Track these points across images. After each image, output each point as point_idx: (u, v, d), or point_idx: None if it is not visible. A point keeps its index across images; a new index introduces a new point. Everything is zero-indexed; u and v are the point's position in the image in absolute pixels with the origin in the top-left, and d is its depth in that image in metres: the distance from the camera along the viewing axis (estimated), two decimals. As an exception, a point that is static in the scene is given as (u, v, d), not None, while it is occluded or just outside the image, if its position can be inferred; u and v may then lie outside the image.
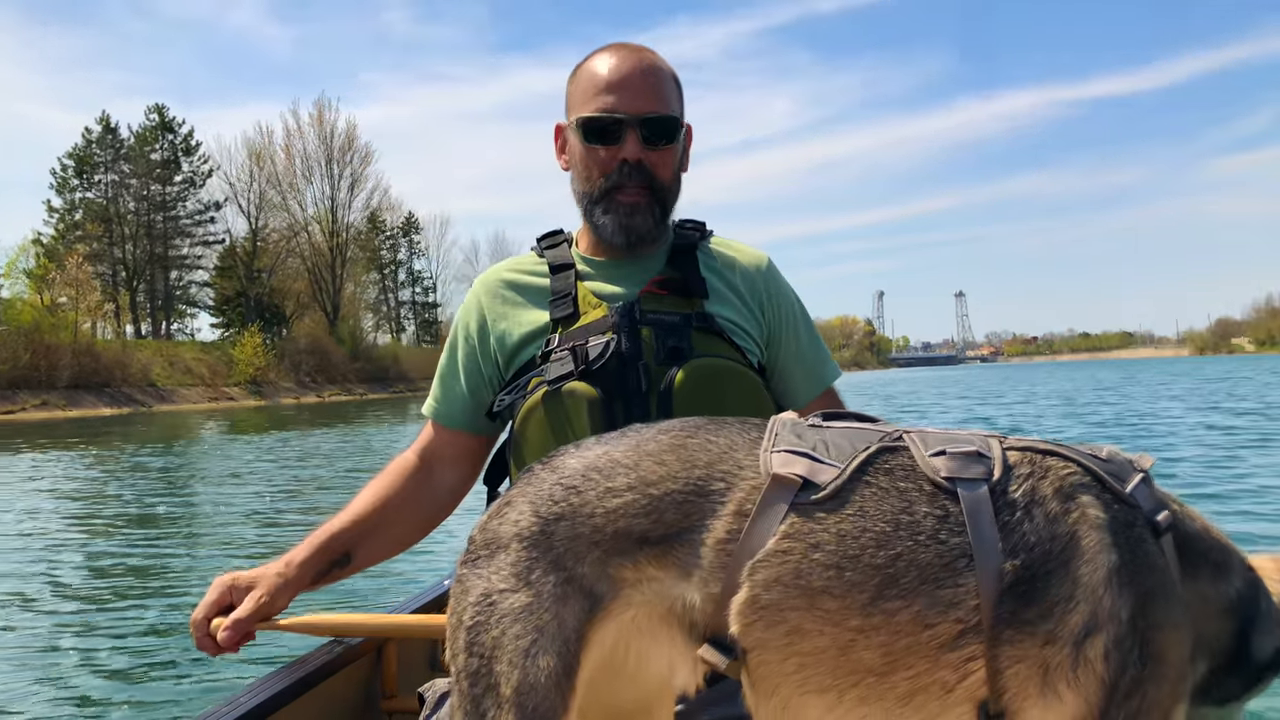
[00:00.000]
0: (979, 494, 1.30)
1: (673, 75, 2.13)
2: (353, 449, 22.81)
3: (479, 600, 1.40)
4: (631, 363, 1.99)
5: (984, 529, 1.27)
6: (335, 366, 71.48)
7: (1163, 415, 24.12)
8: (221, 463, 20.09)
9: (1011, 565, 1.26)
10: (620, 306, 2.04)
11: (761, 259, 2.24)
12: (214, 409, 54.73)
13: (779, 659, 1.31)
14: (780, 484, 1.33)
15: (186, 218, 77.79)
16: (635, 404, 1.97)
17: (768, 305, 2.18)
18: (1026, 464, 1.34)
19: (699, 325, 2.04)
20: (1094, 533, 1.28)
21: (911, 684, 1.27)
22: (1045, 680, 1.25)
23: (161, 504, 13.91)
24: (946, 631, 1.26)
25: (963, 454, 1.34)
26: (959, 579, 1.26)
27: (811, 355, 2.24)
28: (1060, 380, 61.33)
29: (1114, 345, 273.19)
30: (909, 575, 1.27)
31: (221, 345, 67.99)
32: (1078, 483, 1.32)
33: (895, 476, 1.33)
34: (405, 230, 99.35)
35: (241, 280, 75.38)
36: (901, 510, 1.30)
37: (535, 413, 2.01)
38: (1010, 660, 1.25)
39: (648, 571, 1.37)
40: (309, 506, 12.76)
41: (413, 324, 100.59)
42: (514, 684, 1.34)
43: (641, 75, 2.08)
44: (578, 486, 1.41)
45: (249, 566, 2.09)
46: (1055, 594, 1.25)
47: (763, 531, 1.31)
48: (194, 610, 2.01)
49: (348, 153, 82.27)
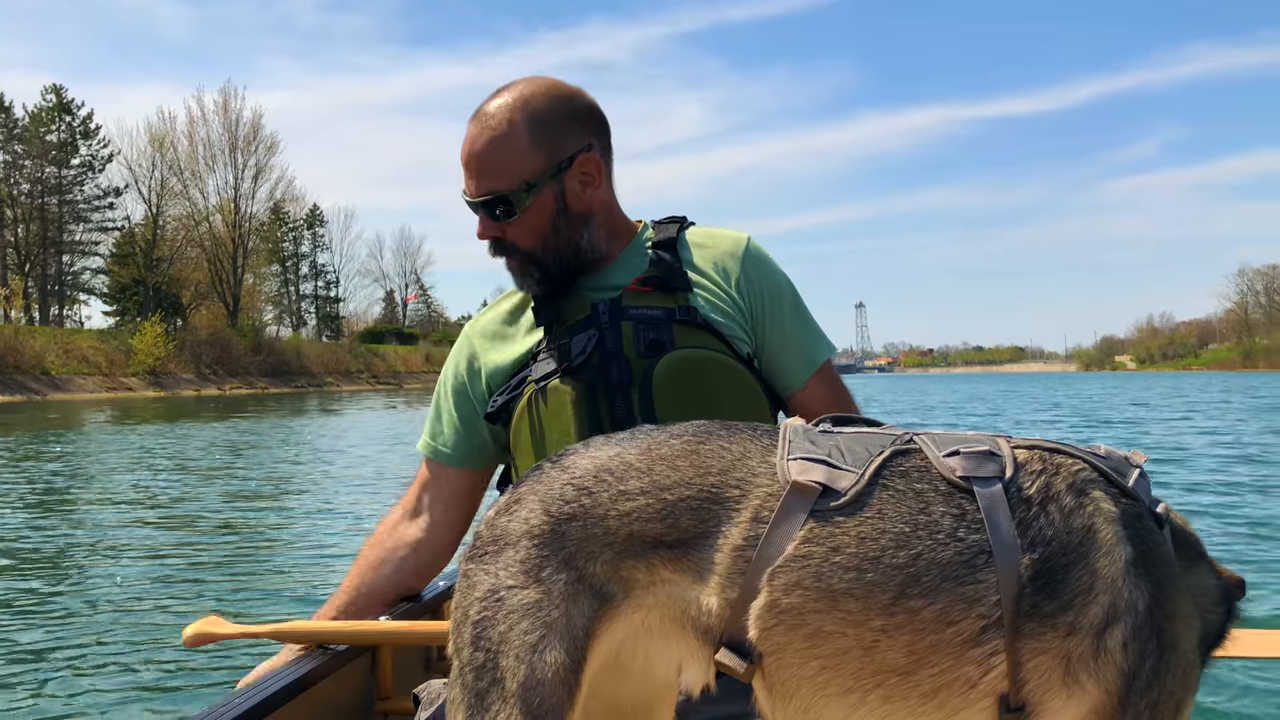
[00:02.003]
0: (994, 491, 1.31)
1: (527, 126, 2.05)
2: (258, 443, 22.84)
3: (486, 595, 1.40)
4: (613, 356, 2.02)
5: (1001, 525, 1.29)
6: (236, 359, 70.47)
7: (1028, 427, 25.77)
8: (116, 456, 19.72)
9: (1030, 559, 1.28)
10: (603, 304, 2.08)
11: (739, 242, 2.22)
12: (111, 399, 53.65)
13: (799, 662, 1.32)
14: (799, 491, 1.34)
15: (84, 203, 75.98)
16: (617, 396, 2.01)
17: (747, 289, 2.17)
18: (1037, 461, 1.36)
19: (682, 319, 2.05)
20: (1109, 526, 1.30)
21: (935, 681, 1.29)
22: (1068, 671, 1.27)
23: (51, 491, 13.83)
24: (970, 627, 1.27)
25: (976, 453, 1.36)
26: (979, 575, 1.28)
27: (800, 334, 2.22)
28: (945, 391, 65.15)
29: (1006, 359, 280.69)
30: (930, 574, 1.28)
31: (119, 334, 66.32)
32: (1088, 478, 1.34)
33: (911, 478, 1.35)
34: (309, 223, 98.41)
35: (140, 268, 73.87)
36: (920, 511, 1.32)
37: (525, 413, 2.07)
38: (1032, 653, 1.27)
39: (661, 574, 1.38)
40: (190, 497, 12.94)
41: (314, 318, 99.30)
42: (520, 679, 1.35)
43: (477, 155, 2.07)
44: (590, 488, 1.42)
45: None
46: (1075, 586, 1.27)
47: (782, 538, 1.32)
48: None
49: (253, 142, 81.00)
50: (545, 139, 2.07)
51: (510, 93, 2.09)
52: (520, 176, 2.06)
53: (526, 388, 2.08)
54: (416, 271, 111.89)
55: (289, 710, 2.00)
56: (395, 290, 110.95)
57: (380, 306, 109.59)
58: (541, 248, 2.11)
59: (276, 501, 12.83)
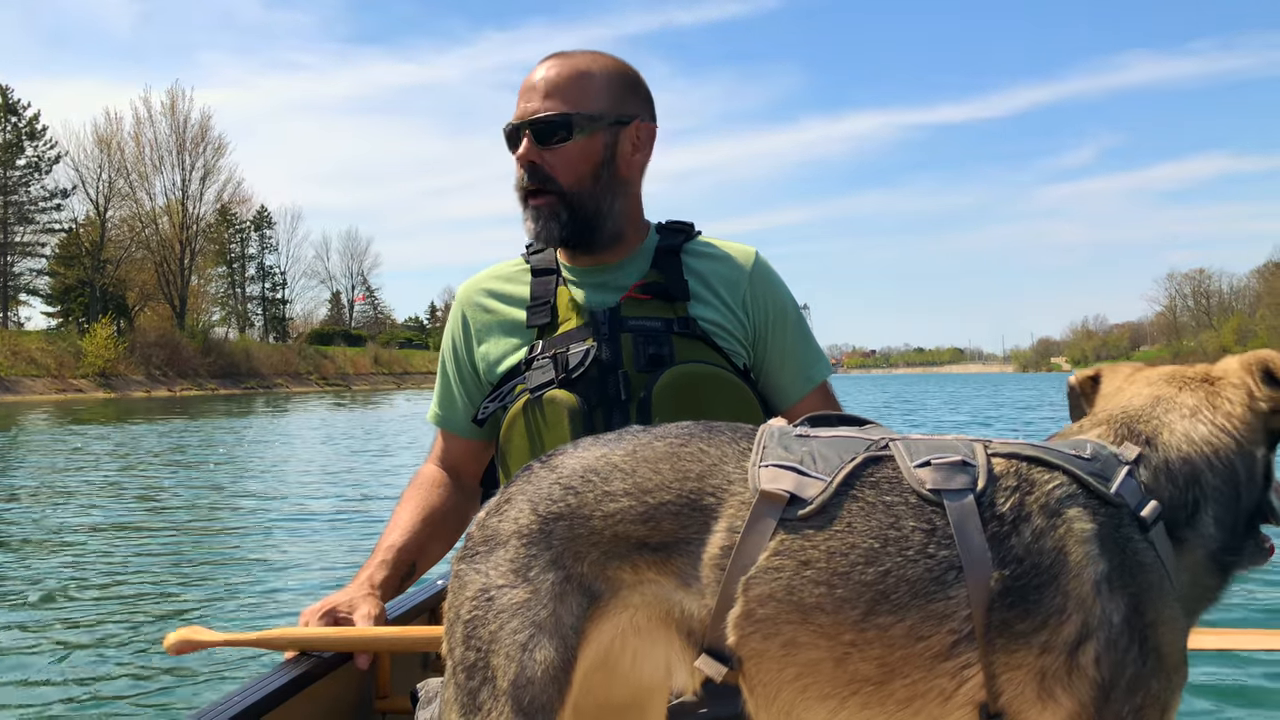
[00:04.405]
0: (965, 504, 1.30)
1: (602, 74, 2.10)
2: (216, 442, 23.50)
3: (477, 595, 1.41)
4: (611, 370, 2.00)
5: (972, 540, 1.28)
6: (186, 361, 70.26)
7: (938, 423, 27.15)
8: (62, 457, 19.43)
9: (1000, 575, 1.27)
10: (601, 313, 2.04)
11: (748, 257, 2.20)
12: (61, 400, 53.49)
13: (778, 669, 1.33)
14: (768, 500, 1.34)
15: (31, 204, 75.81)
16: (615, 412, 1.99)
17: (752, 305, 2.15)
18: (1012, 475, 1.34)
19: (680, 330, 2.04)
20: (1080, 547, 1.29)
21: (909, 691, 1.30)
22: (1041, 685, 1.27)
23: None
24: (940, 642, 1.28)
25: (948, 464, 1.34)
26: (949, 591, 1.27)
27: (800, 353, 2.20)
28: (878, 392, 68.11)
29: (946, 360, 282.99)
30: (899, 591, 1.28)
31: (68, 336, 65.89)
32: (1063, 495, 1.32)
33: (881, 489, 1.34)
34: (257, 224, 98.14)
35: (86, 270, 73.85)
36: (889, 525, 1.31)
37: (518, 420, 2.04)
38: (1005, 668, 1.27)
39: (646, 575, 1.39)
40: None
41: (261, 319, 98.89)
42: (510, 677, 1.35)
43: (543, 80, 2.09)
44: (576, 488, 1.42)
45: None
46: (1047, 607, 1.27)
47: (753, 547, 1.32)
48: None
49: (201, 143, 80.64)
50: (616, 91, 2.13)
51: (591, 50, 2.18)
52: (585, 107, 2.08)
53: (520, 396, 2.06)
54: (364, 273, 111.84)
55: (287, 709, 2.00)
56: (342, 292, 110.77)
57: (326, 308, 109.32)
58: (578, 191, 2.09)
59: (238, 506, 12.67)
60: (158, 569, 8.62)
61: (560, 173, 2.09)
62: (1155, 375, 1.57)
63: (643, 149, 2.17)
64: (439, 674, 2.20)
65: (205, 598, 7.51)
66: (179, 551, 9.41)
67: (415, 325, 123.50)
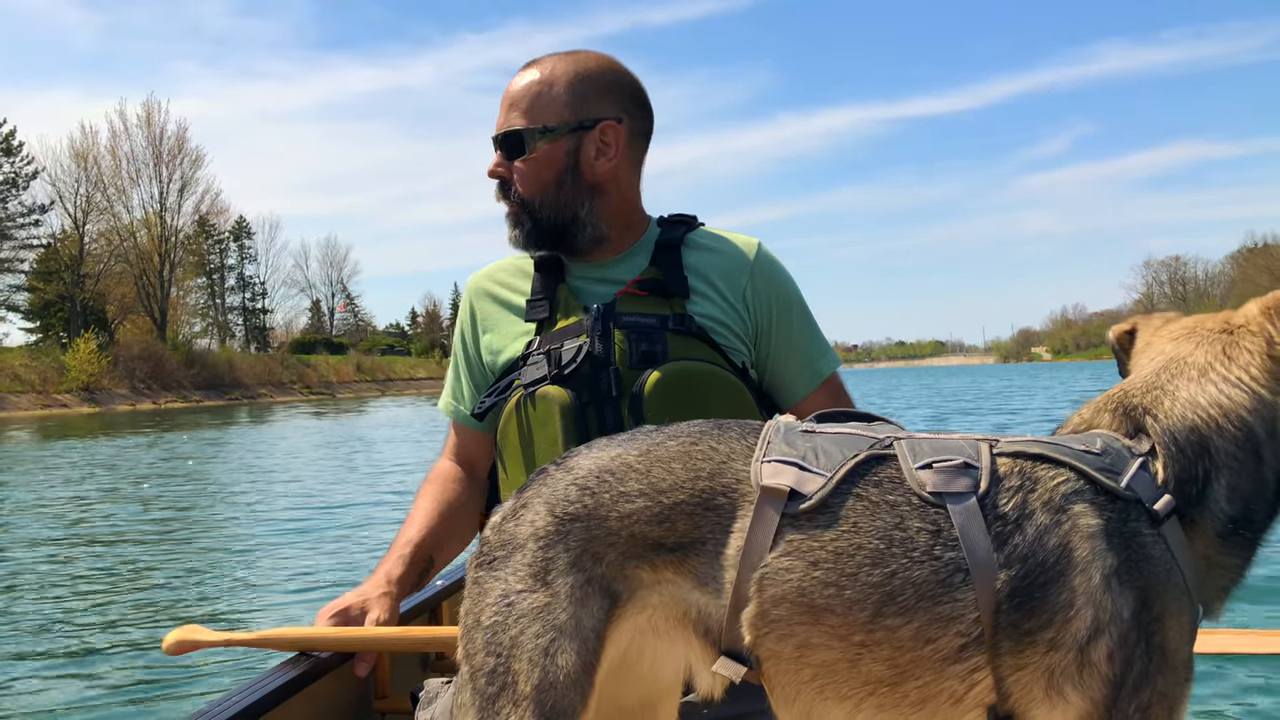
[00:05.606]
0: (968, 506, 1.30)
1: (565, 81, 2.11)
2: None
3: (498, 601, 1.40)
4: (604, 366, 1.99)
5: (977, 541, 1.28)
6: (169, 373, 69.95)
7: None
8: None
9: (1007, 576, 1.27)
10: (596, 309, 2.04)
11: (749, 249, 2.18)
12: (46, 415, 53.50)
13: (794, 669, 1.34)
14: (769, 495, 1.34)
15: (8, 219, 75.39)
16: (607, 408, 1.98)
17: (753, 298, 2.13)
18: (1016, 475, 1.33)
19: (676, 328, 2.02)
20: (1086, 543, 1.28)
21: (921, 692, 1.30)
22: (1050, 684, 1.27)
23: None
24: (949, 645, 1.28)
25: (950, 467, 1.33)
26: (956, 594, 1.27)
27: (806, 346, 2.18)
28: (862, 386, 68.40)
29: (927, 353, 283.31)
30: (906, 593, 1.28)
31: (50, 351, 65.61)
32: (1068, 491, 1.31)
33: (884, 489, 1.33)
34: (236, 235, 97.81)
35: (65, 284, 73.58)
36: (894, 526, 1.31)
37: (512, 416, 2.04)
38: (1013, 668, 1.27)
39: (664, 575, 1.39)
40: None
41: (243, 330, 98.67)
42: (534, 682, 1.35)
43: (514, 93, 2.13)
44: (592, 488, 1.42)
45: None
46: (1054, 603, 1.26)
47: (760, 543, 1.33)
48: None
49: (177, 155, 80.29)
50: (579, 97, 2.12)
51: (567, 54, 2.18)
52: (541, 120, 2.10)
53: (515, 391, 2.06)
54: (344, 281, 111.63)
55: (287, 709, 2.00)
56: (322, 300, 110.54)
57: (307, 316, 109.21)
58: (540, 200, 2.12)
59: (234, 513, 12.79)
60: (158, 570, 8.68)
61: (522, 183, 2.13)
62: (1178, 329, 1.52)
63: (611, 152, 2.14)
64: (439, 674, 2.24)
65: (205, 598, 7.59)
66: (177, 554, 9.46)
67: (396, 332, 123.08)
